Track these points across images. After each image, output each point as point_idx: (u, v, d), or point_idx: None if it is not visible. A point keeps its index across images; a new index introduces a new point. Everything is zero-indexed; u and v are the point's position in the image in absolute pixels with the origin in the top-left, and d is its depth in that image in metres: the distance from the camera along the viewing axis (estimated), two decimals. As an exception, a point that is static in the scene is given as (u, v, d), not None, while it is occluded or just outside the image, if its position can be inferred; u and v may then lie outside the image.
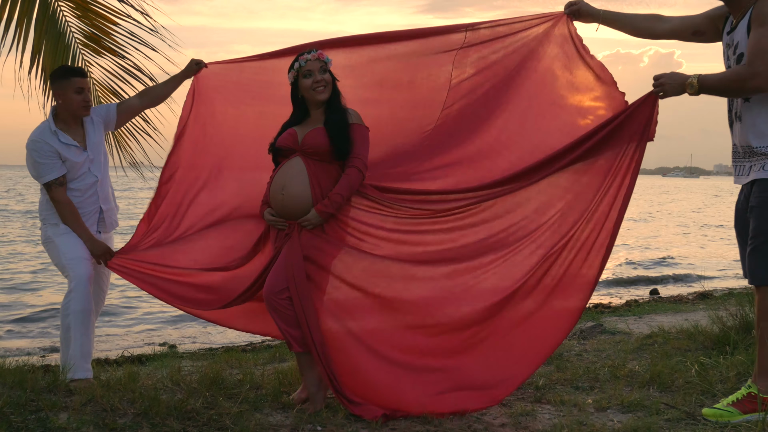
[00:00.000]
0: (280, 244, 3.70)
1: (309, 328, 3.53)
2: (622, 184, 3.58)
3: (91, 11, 5.36)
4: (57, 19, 5.33)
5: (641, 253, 18.24)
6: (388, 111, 4.09)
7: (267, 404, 3.71)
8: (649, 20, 3.82)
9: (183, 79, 4.30)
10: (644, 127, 3.54)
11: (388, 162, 3.96)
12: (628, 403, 3.69)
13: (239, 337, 7.53)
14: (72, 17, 5.41)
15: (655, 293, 10.80)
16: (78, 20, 5.42)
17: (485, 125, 3.97)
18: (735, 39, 3.39)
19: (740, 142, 3.45)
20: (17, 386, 3.76)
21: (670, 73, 3.46)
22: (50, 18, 5.25)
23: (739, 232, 3.55)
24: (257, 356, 5.29)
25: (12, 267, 14.55)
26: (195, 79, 4.24)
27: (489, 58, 4.00)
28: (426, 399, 3.54)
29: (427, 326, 3.64)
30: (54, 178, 4.06)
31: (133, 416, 3.46)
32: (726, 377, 4.02)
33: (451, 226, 3.73)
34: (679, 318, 6.64)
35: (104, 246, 4.11)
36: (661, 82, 3.45)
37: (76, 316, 3.98)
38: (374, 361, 3.59)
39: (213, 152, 4.22)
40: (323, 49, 3.82)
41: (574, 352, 4.99)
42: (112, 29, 5.43)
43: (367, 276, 3.64)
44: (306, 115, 3.82)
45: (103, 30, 5.43)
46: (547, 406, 3.74)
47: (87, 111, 4.17)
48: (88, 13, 5.37)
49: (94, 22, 5.40)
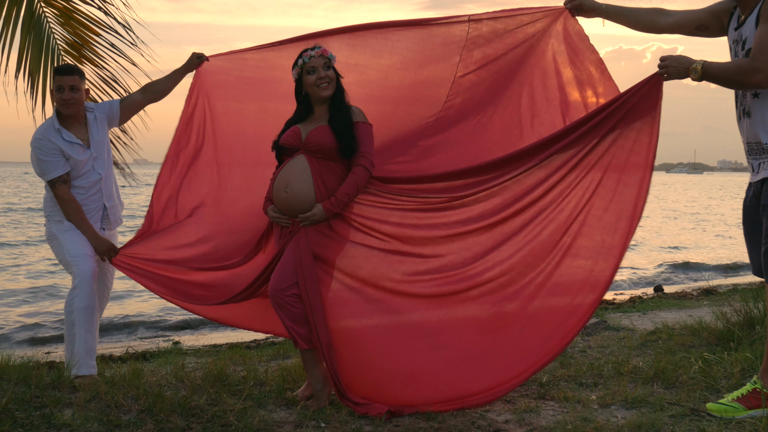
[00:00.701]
0: (284, 242, 3.69)
1: (316, 325, 3.53)
2: (643, 179, 3.50)
3: (74, 20, 5.42)
4: (42, 25, 5.38)
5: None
6: (391, 107, 4.08)
7: (271, 401, 3.72)
8: (652, 14, 3.79)
9: (185, 73, 4.31)
10: (651, 107, 3.50)
11: (389, 155, 3.95)
12: (632, 399, 3.68)
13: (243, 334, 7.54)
14: (56, 24, 5.45)
15: (659, 290, 10.78)
16: (61, 27, 5.47)
17: (487, 120, 3.97)
18: (744, 34, 3.36)
19: (749, 138, 3.42)
20: (22, 382, 3.77)
21: (676, 55, 3.43)
22: (36, 23, 5.30)
23: (748, 229, 3.51)
24: (261, 353, 5.30)
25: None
26: (196, 75, 4.23)
27: (491, 52, 3.99)
28: (431, 395, 3.53)
29: (434, 323, 3.63)
30: (58, 176, 4.07)
31: (137, 413, 3.47)
32: (730, 373, 4.01)
33: (458, 219, 3.67)
34: (683, 314, 6.62)
35: (108, 243, 4.12)
36: (666, 63, 3.42)
37: (80, 312, 3.99)
38: (379, 358, 3.58)
39: (214, 148, 4.22)
40: (327, 38, 3.82)
41: (578, 348, 4.98)
42: (93, 39, 5.48)
43: (373, 273, 3.63)
44: (310, 112, 3.82)
45: (84, 39, 5.48)
46: (551, 402, 3.73)
47: (69, 109, 4.13)
48: (71, 21, 5.43)
49: (76, 30, 5.47)
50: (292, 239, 3.64)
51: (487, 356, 3.59)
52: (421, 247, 3.67)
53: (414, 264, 3.65)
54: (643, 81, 3.51)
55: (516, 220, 3.62)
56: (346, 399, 3.54)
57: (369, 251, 3.65)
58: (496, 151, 3.85)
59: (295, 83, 3.81)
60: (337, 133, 3.64)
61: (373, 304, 3.62)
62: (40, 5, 5.33)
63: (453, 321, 3.63)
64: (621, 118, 3.52)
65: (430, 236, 3.68)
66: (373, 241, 3.66)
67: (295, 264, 3.57)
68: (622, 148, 3.54)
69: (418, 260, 3.66)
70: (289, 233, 3.68)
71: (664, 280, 13.19)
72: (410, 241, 3.67)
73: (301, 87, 3.78)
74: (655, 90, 3.48)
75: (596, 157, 3.56)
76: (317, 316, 3.54)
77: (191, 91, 4.21)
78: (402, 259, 3.65)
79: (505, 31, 3.97)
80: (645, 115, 3.51)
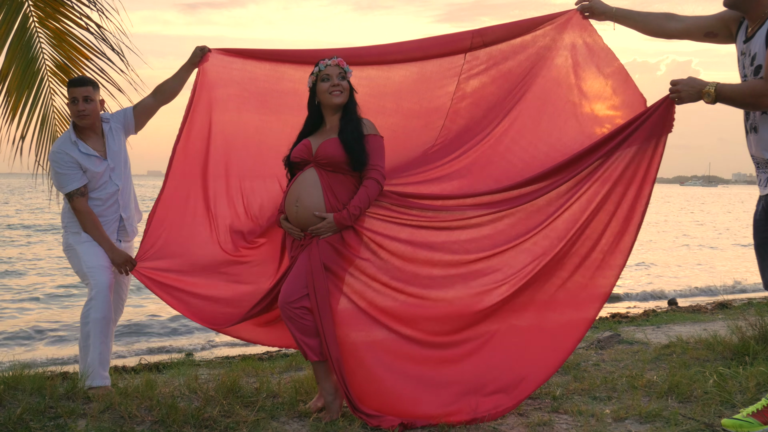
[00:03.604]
0: (295, 254, 3.71)
1: (326, 338, 3.54)
2: (640, 194, 3.60)
3: (66, 42, 5.45)
4: (32, 46, 5.42)
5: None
6: (403, 120, 4.09)
7: (283, 413, 3.72)
8: (662, 19, 3.78)
9: (191, 68, 4.24)
10: (660, 131, 3.54)
11: (400, 169, 3.97)
12: (646, 413, 3.66)
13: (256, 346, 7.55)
14: (47, 45, 5.49)
15: (673, 303, 10.70)
16: (52, 49, 5.50)
17: (497, 132, 3.97)
18: (752, 49, 3.34)
19: (756, 153, 3.41)
20: (36, 393, 3.80)
21: (688, 78, 3.42)
22: (25, 43, 5.34)
23: (759, 243, 3.48)
24: (274, 365, 5.30)
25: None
26: (199, 79, 4.16)
27: (500, 63, 3.99)
28: (442, 408, 3.53)
29: (443, 336, 3.64)
30: (75, 188, 4.10)
31: (150, 423, 3.49)
32: (745, 388, 3.98)
33: (467, 238, 3.72)
34: (697, 328, 6.59)
35: (125, 255, 4.13)
36: (677, 88, 3.43)
37: (96, 324, 4.01)
38: (390, 372, 3.59)
39: (218, 159, 4.18)
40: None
41: (592, 362, 4.96)
42: (83, 63, 5.51)
43: (382, 288, 3.65)
44: (321, 123, 3.83)
45: (74, 62, 5.51)
46: (565, 416, 3.72)
47: (84, 120, 4.15)
48: (63, 44, 5.46)
49: (68, 53, 5.49)
50: (304, 251, 3.66)
51: (495, 368, 3.62)
52: (430, 267, 3.69)
53: (420, 284, 3.67)
54: (655, 105, 3.54)
55: (526, 244, 3.69)
56: (358, 411, 3.54)
57: (379, 267, 3.66)
58: (507, 165, 3.86)
59: (309, 91, 3.82)
60: (347, 145, 3.65)
61: (378, 321, 3.63)
62: (35, 25, 5.38)
63: (459, 336, 3.66)
64: (630, 144, 3.60)
65: (439, 258, 3.70)
66: (384, 255, 3.67)
67: (307, 276, 3.58)
68: (630, 169, 3.64)
69: (426, 280, 3.67)
70: (301, 246, 3.69)
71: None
72: (417, 261, 3.69)
73: (315, 95, 3.80)
74: (666, 115, 3.51)
75: (606, 180, 3.65)
76: (327, 329, 3.54)
77: (193, 98, 4.12)
78: (410, 278, 3.66)
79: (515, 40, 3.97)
80: (653, 139, 3.55)
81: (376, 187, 3.68)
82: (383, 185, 3.71)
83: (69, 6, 5.32)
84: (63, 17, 5.37)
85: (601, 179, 3.64)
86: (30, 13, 5.34)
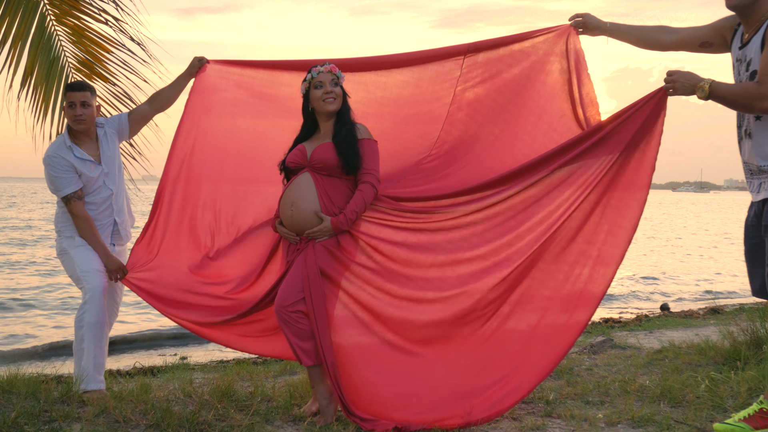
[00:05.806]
0: (291, 258, 3.72)
1: (321, 342, 3.55)
2: (633, 195, 3.61)
3: (86, 38, 5.48)
4: (52, 44, 5.44)
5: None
6: (396, 126, 4.12)
7: (278, 417, 3.73)
8: (657, 32, 3.80)
9: (188, 78, 4.29)
10: (653, 125, 3.55)
11: (395, 178, 3.99)
12: (639, 418, 3.68)
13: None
14: (67, 42, 5.51)
15: (666, 308, 10.75)
16: (73, 45, 5.52)
17: (492, 140, 4.00)
18: (748, 55, 3.36)
19: (749, 159, 3.42)
20: (31, 397, 3.80)
21: (685, 71, 3.42)
22: (45, 42, 5.36)
23: (749, 248, 3.51)
24: (268, 369, 5.31)
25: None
26: (194, 87, 4.20)
27: (495, 76, 4.03)
28: (436, 413, 3.54)
29: (436, 341, 3.66)
30: (72, 192, 4.10)
31: (145, 427, 3.49)
32: (737, 392, 4.01)
33: (461, 236, 3.74)
34: (689, 333, 6.62)
35: (118, 262, 4.14)
36: (673, 78, 3.43)
37: (90, 328, 4.01)
38: (384, 377, 3.60)
39: (212, 164, 4.20)
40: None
41: (585, 366, 4.98)
42: (105, 57, 5.53)
43: (374, 296, 3.66)
44: (315, 129, 3.86)
45: (97, 57, 5.54)
46: (558, 420, 3.74)
47: (81, 125, 4.16)
48: (83, 40, 5.48)
49: (88, 48, 5.51)
50: (300, 255, 3.67)
51: (488, 371, 3.64)
52: (425, 269, 3.71)
53: (415, 286, 3.68)
54: (648, 96, 3.55)
55: (518, 242, 3.70)
56: (352, 415, 3.55)
57: (374, 271, 3.68)
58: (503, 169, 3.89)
59: (302, 98, 3.85)
60: (340, 149, 3.68)
61: (374, 326, 3.65)
62: (52, 23, 5.40)
63: (453, 340, 3.67)
64: (623, 136, 3.59)
65: (433, 259, 3.72)
66: (376, 263, 3.69)
67: (303, 280, 3.60)
68: (623, 167, 3.65)
69: (421, 282, 3.69)
70: (297, 250, 3.71)
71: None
72: (412, 264, 3.71)
73: (308, 102, 3.82)
74: (658, 106, 3.53)
75: (598, 176, 3.65)
76: (323, 333, 3.56)
77: (189, 105, 4.16)
78: (405, 282, 3.68)
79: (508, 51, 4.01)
80: (647, 133, 3.57)
81: (372, 190, 3.70)
82: (378, 188, 3.74)
83: (84, 1, 5.34)
84: (80, 13, 5.40)
85: (594, 183, 3.64)
86: (46, 11, 5.36)
